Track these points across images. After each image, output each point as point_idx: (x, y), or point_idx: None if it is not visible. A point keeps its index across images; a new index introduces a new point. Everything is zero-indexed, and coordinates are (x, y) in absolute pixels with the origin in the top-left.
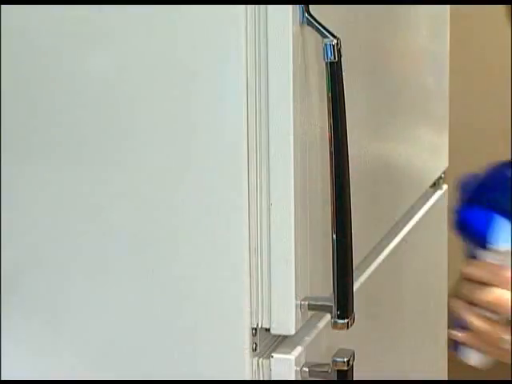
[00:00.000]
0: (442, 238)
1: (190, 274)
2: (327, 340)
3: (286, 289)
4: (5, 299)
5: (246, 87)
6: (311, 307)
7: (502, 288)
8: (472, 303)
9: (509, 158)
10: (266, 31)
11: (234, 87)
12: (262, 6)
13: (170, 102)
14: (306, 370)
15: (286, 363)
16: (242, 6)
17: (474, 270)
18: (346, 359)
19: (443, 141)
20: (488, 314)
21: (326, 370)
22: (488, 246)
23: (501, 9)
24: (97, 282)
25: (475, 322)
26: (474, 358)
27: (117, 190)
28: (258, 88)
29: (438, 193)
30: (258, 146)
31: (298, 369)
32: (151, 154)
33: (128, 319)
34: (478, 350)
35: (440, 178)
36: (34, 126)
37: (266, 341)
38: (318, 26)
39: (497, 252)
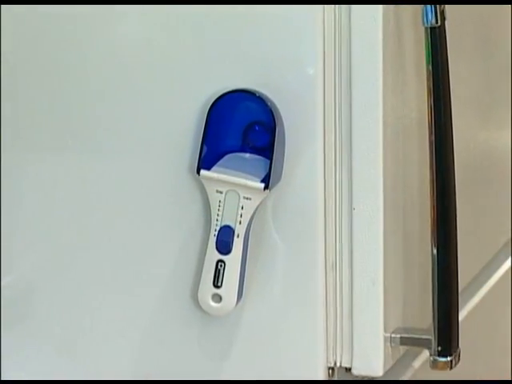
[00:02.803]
0: None
1: None
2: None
3: (372, 317)
4: (10, 315)
5: (323, 59)
6: (404, 341)
7: None
8: None
9: None
10: None
11: (306, 58)
12: None
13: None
14: None
15: None
16: None
17: None
18: None
19: None
20: None
21: None
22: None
23: None
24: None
25: None
26: None
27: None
28: (337, 60)
29: None
30: (338, 135)
31: None
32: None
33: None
34: None
35: None
36: (33, 126)
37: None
38: None
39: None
